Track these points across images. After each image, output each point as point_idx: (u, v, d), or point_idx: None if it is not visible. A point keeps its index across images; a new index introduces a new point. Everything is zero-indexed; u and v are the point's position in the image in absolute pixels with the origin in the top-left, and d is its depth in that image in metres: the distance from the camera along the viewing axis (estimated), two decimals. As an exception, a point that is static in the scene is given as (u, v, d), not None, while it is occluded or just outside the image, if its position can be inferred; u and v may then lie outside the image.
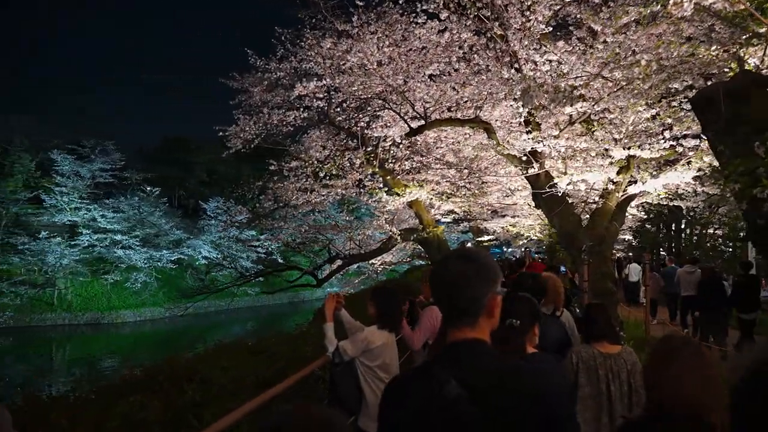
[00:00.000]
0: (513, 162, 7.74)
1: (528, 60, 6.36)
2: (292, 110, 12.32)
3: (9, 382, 19.50)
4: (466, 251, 1.44)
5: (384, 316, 3.30)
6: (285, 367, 3.24)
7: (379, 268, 17.55)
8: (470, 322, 1.31)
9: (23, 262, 30.41)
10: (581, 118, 6.90)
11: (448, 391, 1.17)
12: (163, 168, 45.87)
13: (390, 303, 3.37)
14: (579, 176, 6.48)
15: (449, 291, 1.32)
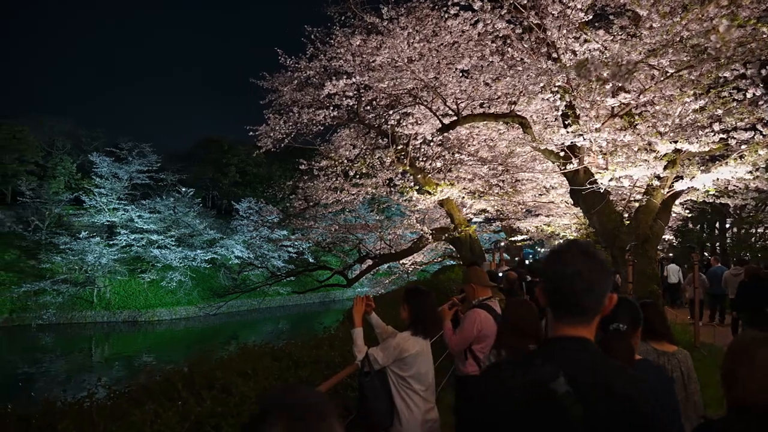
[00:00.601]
0: (550, 158, 7.41)
1: (567, 49, 6.04)
2: (322, 109, 12.22)
3: (50, 379, 20.13)
4: (584, 246, 1.33)
5: (418, 321, 3.03)
6: (310, 374, 3.09)
7: (409, 268, 17.33)
8: (587, 320, 1.28)
9: (65, 261, 31.38)
10: (623, 111, 6.53)
11: (556, 386, 1.15)
12: (197, 169, 46.77)
13: (425, 306, 3.09)
14: (622, 172, 6.12)
15: (572, 288, 1.27)
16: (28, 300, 29.81)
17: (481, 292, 3.87)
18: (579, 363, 1.21)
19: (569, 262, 1.28)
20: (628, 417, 1.14)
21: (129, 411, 2.22)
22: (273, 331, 33.50)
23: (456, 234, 12.56)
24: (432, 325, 3.12)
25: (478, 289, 3.89)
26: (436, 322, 3.21)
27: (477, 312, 3.70)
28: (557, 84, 5.93)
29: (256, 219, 26.50)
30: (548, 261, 1.38)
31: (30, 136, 37.28)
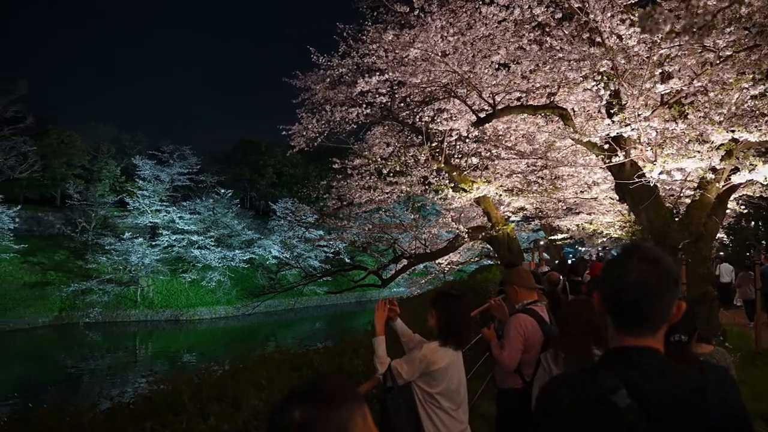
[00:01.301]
0: (593, 150, 6.98)
1: (612, 33, 5.64)
2: (355, 107, 12.07)
3: (97, 375, 20.76)
4: (648, 251, 1.25)
5: (448, 329, 2.65)
6: None
7: (445, 267, 17.00)
8: (653, 330, 1.23)
9: (110, 262, 32.42)
10: (674, 99, 6.07)
11: (617, 399, 1.12)
12: (236, 170, 47.63)
13: (455, 311, 2.68)
14: (674, 164, 5.66)
15: (633, 297, 1.21)
16: (76, 299, 30.95)
17: (524, 296, 3.48)
18: (643, 374, 1.16)
19: (631, 269, 1.21)
20: (696, 428, 1.11)
21: (125, 428, 2.04)
22: (310, 331, 33.76)
23: (493, 233, 12.18)
24: (464, 333, 2.74)
25: (521, 291, 3.49)
26: (469, 330, 2.80)
27: (521, 318, 3.29)
28: (601, 70, 5.54)
29: (292, 219, 26.64)
30: (608, 267, 1.31)
31: (77, 141, 38.72)
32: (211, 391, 2.47)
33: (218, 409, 2.25)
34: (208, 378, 2.57)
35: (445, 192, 12.06)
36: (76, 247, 34.43)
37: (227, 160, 49.82)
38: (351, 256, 38.76)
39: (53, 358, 24.16)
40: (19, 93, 34.38)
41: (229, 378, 2.55)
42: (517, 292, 3.50)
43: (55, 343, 27.42)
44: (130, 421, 2.08)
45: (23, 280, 30.38)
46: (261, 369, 2.72)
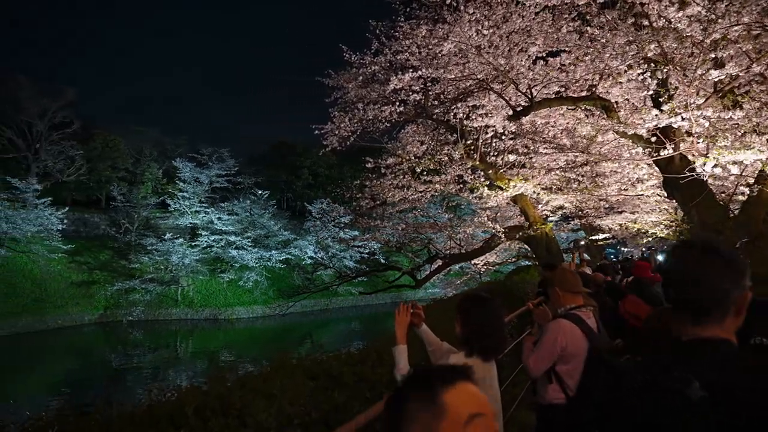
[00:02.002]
0: (639, 144, 6.57)
1: (659, 17, 5.25)
2: (388, 105, 11.88)
3: (140, 372, 21.27)
4: (707, 243, 1.27)
5: (474, 338, 2.32)
6: (349, 398, 2.55)
7: (482, 268, 16.61)
8: (717, 320, 1.23)
9: (151, 261, 33.31)
10: (728, 87, 5.63)
11: (691, 392, 1.12)
12: (272, 172, 48.27)
13: (483, 317, 2.34)
14: (731, 156, 5.21)
15: (693, 287, 1.24)
16: (120, 298, 31.93)
17: (568, 299, 3.10)
18: (714, 366, 1.16)
19: (689, 261, 1.25)
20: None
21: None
22: (345, 331, 33.81)
23: (531, 232, 11.79)
24: (494, 342, 2.37)
25: (564, 295, 3.12)
26: (499, 338, 2.41)
27: (560, 324, 2.94)
28: (649, 55, 5.16)
29: (325, 219, 26.73)
30: (668, 260, 1.34)
31: (121, 145, 40.00)
32: (217, 402, 2.28)
33: (222, 423, 2.08)
34: (216, 388, 2.39)
35: (480, 190, 11.74)
36: (120, 247, 35.55)
37: (264, 162, 50.56)
38: (386, 256, 38.77)
39: (99, 354, 24.94)
40: (66, 99, 35.75)
41: (238, 387, 2.38)
42: (560, 295, 3.14)
43: (101, 340, 28.32)
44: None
45: (71, 279, 31.54)
46: (274, 377, 2.51)
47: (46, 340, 26.53)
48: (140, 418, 2.09)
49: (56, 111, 35.38)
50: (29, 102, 34.01)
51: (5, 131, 33.79)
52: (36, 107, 34.39)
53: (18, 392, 18.18)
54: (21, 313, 27.25)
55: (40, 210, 30.27)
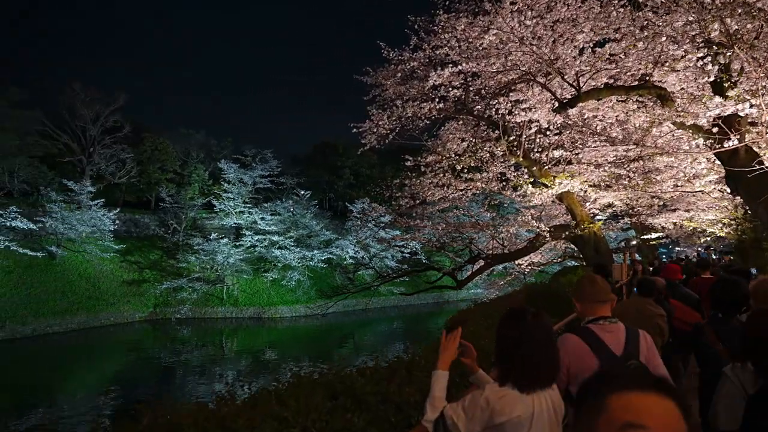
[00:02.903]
0: (698, 134, 6.05)
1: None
2: (427, 101, 11.61)
3: (188, 369, 21.77)
4: None
5: (510, 364, 1.87)
6: (370, 424, 2.22)
7: (526, 268, 16.08)
8: None
9: (198, 261, 34.18)
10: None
11: None
12: (314, 172, 48.74)
13: (528, 338, 1.88)
14: (807, 146, 4.69)
15: None
16: (169, 296, 32.92)
17: (590, 310, 2.63)
18: None
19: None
20: None
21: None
22: (387, 331, 33.72)
23: (578, 231, 11.25)
24: (536, 369, 1.86)
25: (584, 306, 2.67)
26: (547, 364, 1.90)
27: (563, 340, 2.54)
28: (711, 35, 4.68)
29: (365, 219, 26.69)
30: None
31: (169, 147, 41.26)
32: (218, 426, 2.04)
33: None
34: (222, 409, 2.17)
35: (524, 188, 11.31)
36: (168, 247, 36.67)
37: (306, 162, 51.12)
38: (428, 256, 38.45)
39: (149, 351, 25.74)
40: (118, 104, 37.16)
41: (249, 408, 2.17)
42: (578, 306, 2.72)
43: (151, 337, 29.23)
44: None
45: (122, 278, 32.73)
46: (290, 395, 2.29)
47: (100, 337, 27.63)
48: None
49: (108, 116, 36.84)
50: (83, 108, 35.55)
51: (62, 136, 35.43)
52: (90, 112, 35.91)
53: (76, 387, 18.97)
54: (77, 311, 28.46)
55: (93, 211, 31.55)
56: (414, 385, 2.49)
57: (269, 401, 2.25)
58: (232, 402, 2.34)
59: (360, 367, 2.90)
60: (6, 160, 31.21)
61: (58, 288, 28.74)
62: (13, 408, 15.68)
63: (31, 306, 26.74)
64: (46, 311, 27.09)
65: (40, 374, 20.75)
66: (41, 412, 15.28)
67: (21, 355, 23.34)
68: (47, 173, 33.31)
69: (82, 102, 35.39)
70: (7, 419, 14.48)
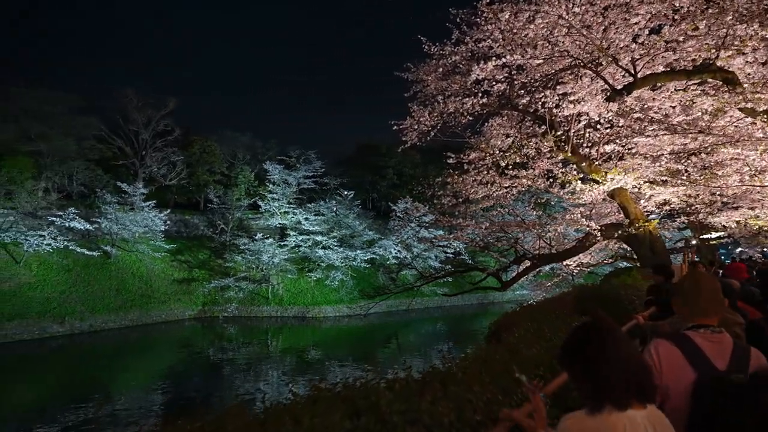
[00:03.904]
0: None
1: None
2: (470, 96, 11.24)
3: (235, 367, 22.13)
4: None
5: (602, 389, 1.48)
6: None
7: (575, 269, 15.41)
8: None
9: (244, 261, 34.85)
10: None
11: None
12: (357, 172, 48.89)
13: (610, 362, 1.50)
14: None
15: None
16: (216, 295, 33.71)
17: (692, 315, 2.20)
18: None
19: None
20: None
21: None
22: (430, 332, 33.33)
23: (631, 230, 10.63)
24: (638, 389, 1.51)
25: (684, 310, 2.25)
26: (642, 378, 1.53)
27: (653, 346, 2.14)
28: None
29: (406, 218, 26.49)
30: None
31: (217, 150, 42.32)
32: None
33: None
34: (228, 425, 1.96)
35: (572, 185, 10.78)
36: (216, 247, 37.59)
37: (350, 163, 51.36)
38: (472, 256, 37.85)
39: (198, 348, 26.41)
40: (168, 108, 38.41)
41: (257, 426, 1.95)
42: (680, 309, 2.28)
43: (199, 334, 29.97)
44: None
45: (173, 276, 33.76)
46: (305, 413, 2.05)
47: (152, 334, 28.55)
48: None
49: (159, 120, 38.15)
50: (136, 113, 36.95)
51: (116, 140, 36.93)
52: (142, 117, 37.29)
53: (130, 382, 19.62)
54: (130, 308, 29.54)
55: (145, 212, 32.70)
56: (449, 402, 2.16)
57: (282, 418, 2.01)
58: (241, 416, 2.11)
59: (389, 379, 2.59)
60: (65, 164, 32.78)
61: (112, 286, 29.92)
62: (72, 400, 16.33)
63: (89, 303, 27.93)
64: (102, 308, 28.24)
65: (97, 368, 21.64)
66: (97, 405, 15.85)
67: (80, 350, 24.40)
68: (103, 176, 34.79)
69: (134, 107, 36.81)
70: (66, 410, 15.07)
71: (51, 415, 14.80)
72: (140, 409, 15.63)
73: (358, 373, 11.88)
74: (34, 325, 24.84)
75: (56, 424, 14.07)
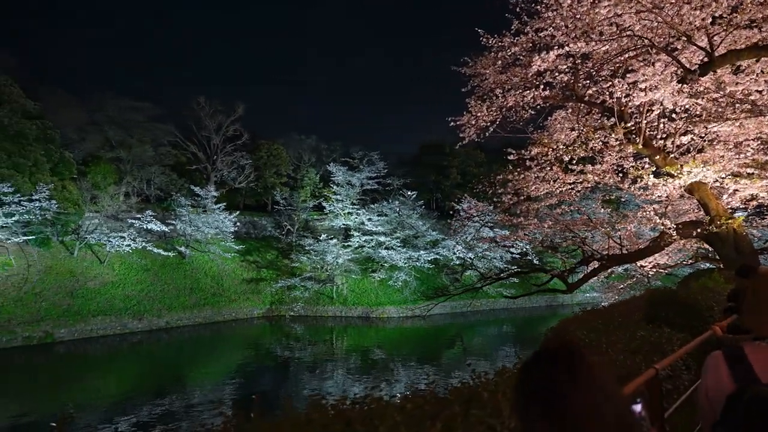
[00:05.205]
0: None
1: None
2: (531, 89, 10.71)
3: (301, 365, 22.55)
4: None
5: None
6: None
7: (649, 271, 14.35)
8: None
9: (310, 261, 35.56)
10: None
11: None
12: (421, 172, 48.66)
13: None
14: None
15: None
16: (283, 294, 34.64)
17: (759, 325, 1.80)
18: None
19: None
20: None
21: None
22: (495, 334, 32.49)
23: (713, 229, 9.70)
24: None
25: (752, 319, 1.85)
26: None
27: (708, 359, 1.82)
28: None
29: (468, 218, 25.89)
30: None
31: (283, 153, 43.55)
32: None
33: None
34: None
35: (645, 180, 9.98)
36: (282, 247, 38.64)
37: (413, 164, 51.22)
38: (539, 257, 36.52)
39: (266, 346, 27.19)
40: (237, 114, 39.95)
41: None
42: (746, 318, 1.90)
43: (267, 332, 30.86)
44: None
45: (242, 276, 35.02)
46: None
47: (223, 331, 29.72)
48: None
49: (229, 125, 39.75)
50: (208, 119, 38.71)
51: (189, 146, 38.85)
52: (213, 123, 39.02)
53: (204, 376, 20.48)
54: (203, 306, 30.91)
55: (216, 214, 34.16)
56: (466, 429, 1.81)
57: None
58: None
59: (403, 396, 2.28)
60: (144, 169, 34.85)
61: (187, 285, 31.44)
62: (150, 393, 17.25)
63: (165, 301, 29.49)
64: (177, 306, 29.73)
65: (174, 363, 22.81)
66: (174, 398, 16.65)
67: (158, 345, 25.80)
68: (177, 180, 36.71)
69: (206, 114, 38.59)
70: (144, 403, 15.93)
71: (133, 405, 15.77)
72: (213, 402, 16.26)
73: (420, 376, 11.57)
74: (116, 322, 26.52)
75: (138, 413, 14.94)
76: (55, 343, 23.78)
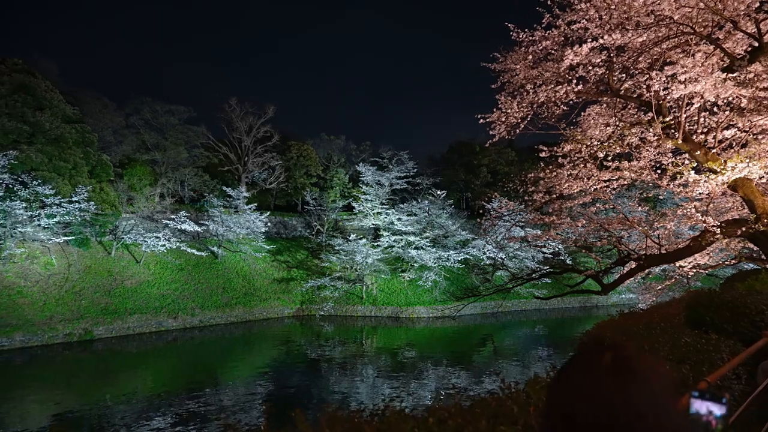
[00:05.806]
0: None
1: None
2: (563, 84, 10.38)
3: (332, 364, 22.62)
4: None
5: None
6: None
7: (690, 272, 13.76)
8: None
9: (339, 261, 35.69)
10: None
11: None
12: (450, 172, 48.30)
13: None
14: None
15: None
16: (313, 294, 34.85)
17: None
18: None
19: None
20: None
21: None
22: (527, 335, 31.93)
23: (759, 227, 9.19)
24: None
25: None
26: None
27: (763, 364, 1.90)
28: None
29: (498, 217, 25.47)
30: None
31: (313, 153, 43.87)
32: None
33: None
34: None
35: (685, 176, 9.54)
36: (312, 247, 38.90)
37: (442, 163, 50.91)
38: (573, 257, 35.71)
39: (297, 345, 27.39)
40: (268, 115, 40.43)
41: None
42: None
43: (298, 331, 31.10)
44: None
45: (273, 276, 35.40)
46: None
47: (255, 330, 30.08)
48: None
49: (259, 127, 40.25)
50: (239, 121, 39.29)
51: (221, 148, 39.52)
52: (244, 125, 39.57)
53: (237, 374, 20.77)
54: (235, 305, 31.36)
55: (248, 215, 34.63)
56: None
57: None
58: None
59: (425, 408, 2.11)
60: (177, 171, 35.60)
61: (219, 284, 31.96)
62: (184, 390, 17.57)
63: (199, 300, 30.04)
64: (210, 305, 30.25)
65: (207, 361, 23.21)
66: (207, 395, 16.92)
67: (192, 343, 26.29)
68: (210, 181, 37.39)
69: (237, 116, 39.18)
70: (179, 399, 16.25)
71: (169, 401, 16.12)
72: (245, 400, 16.46)
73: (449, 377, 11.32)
74: (151, 320, 27.15)
75: (173, 409, 15.25)
76: (94, 340, 24.51)
